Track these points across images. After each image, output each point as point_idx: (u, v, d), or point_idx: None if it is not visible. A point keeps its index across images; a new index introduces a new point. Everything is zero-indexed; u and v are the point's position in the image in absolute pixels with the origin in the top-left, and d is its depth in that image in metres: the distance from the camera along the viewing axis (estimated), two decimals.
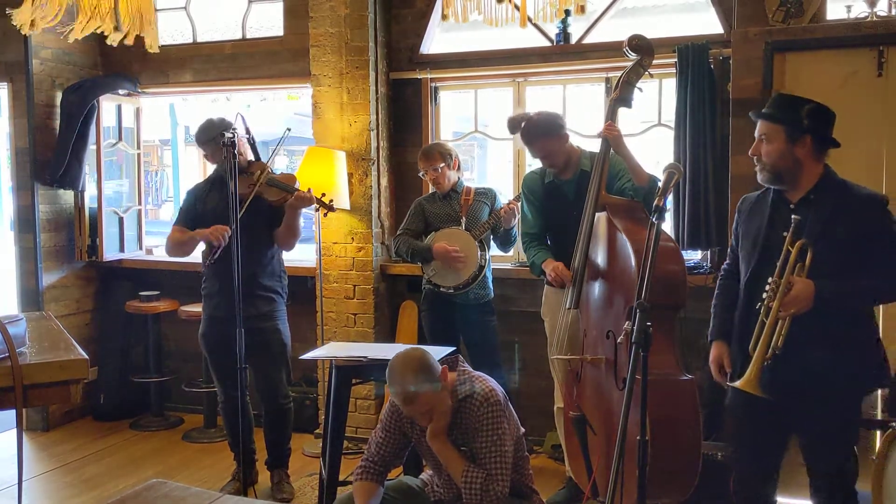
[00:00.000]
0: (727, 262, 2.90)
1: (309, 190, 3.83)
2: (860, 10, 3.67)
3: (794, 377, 2.53)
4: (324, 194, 3.96)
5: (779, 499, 2.90)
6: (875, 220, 2.52)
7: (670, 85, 4.21)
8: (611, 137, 3.34)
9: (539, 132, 3.58)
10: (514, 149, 4.76)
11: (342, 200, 4.54)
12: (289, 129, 3.96)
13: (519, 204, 3.92)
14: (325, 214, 4.04)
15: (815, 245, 2.47)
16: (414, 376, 2.57)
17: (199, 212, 3.88)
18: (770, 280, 2.49)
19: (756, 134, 2.65)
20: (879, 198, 2.58)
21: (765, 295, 2.50)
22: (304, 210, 3.92)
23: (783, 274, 2.47)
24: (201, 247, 3.94)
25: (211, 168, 4.10)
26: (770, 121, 2.61)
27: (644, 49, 3.35)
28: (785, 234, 2.51)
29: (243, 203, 3.59)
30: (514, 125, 3.66)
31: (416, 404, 2.60)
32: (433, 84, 4.82)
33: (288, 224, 3.84)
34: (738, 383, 2.51)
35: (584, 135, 4.43)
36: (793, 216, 2.50)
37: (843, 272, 2.49)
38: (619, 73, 3.48)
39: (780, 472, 2.80)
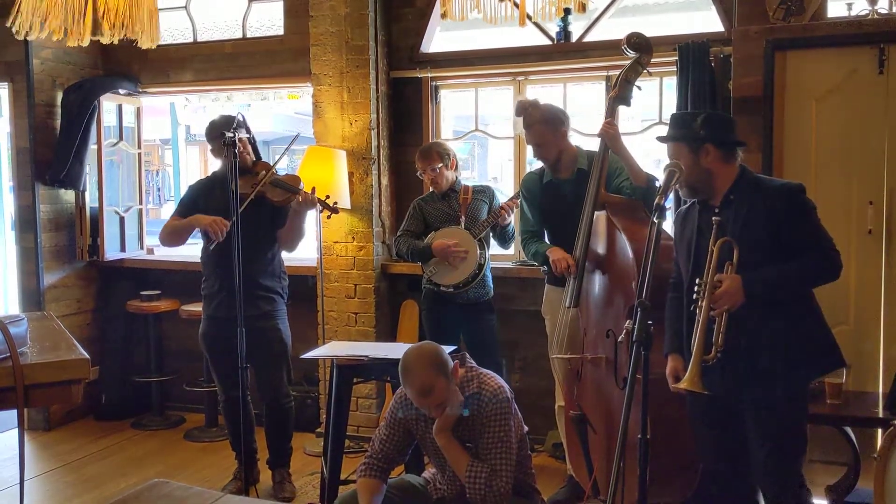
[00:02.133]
0: (673, 274, 2.90)
1: (313, 190, 3.82)
2: (861, 8, 3.67)
3: (741, 372, 2.57)
4: (328, 196, 3.96)
5: None
6: (792, 208, 2.56)
7: (671, 83, 4.21)
8: (608, 136, 3.34)
9: (538, 117, 3.59)
10: (514, 148, 4.76)
11: (343, 200, 4.53)
12: (298, 134, 4.00)
13: (518, 202, 3.93)
14: (329, 217, 4.04)
15: (739, 242, 2.52)
16: (430, 368, 2.59)
17: (200, 207, 3.87)
18: (697, 281, 2.55)
19: (667, 157, 2.72)
20: (793, 186, 2.62)
21: (695, 296, 2.55)
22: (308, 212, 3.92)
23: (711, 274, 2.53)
24: (199, 242, 3.96)
25: (212, 166, 4.10)
26: (671, 141, 2.69)
27: (642, 47, 3.35)
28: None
29: (244, 201, 3.60)
30: (521, 108, 3.68)
31: (431, 396, 2.61)
32: (434, 83, 4.82)
33: (292, 226, 3.85)
34: (681, 384, 2.54)
35: (584, 133, 4.43)
36: (713, 217, 2.58)
37: (771, 263, 2.53)
38: (619, 72, 3.48)
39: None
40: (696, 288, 2.55)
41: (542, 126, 3.58)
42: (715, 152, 2.62)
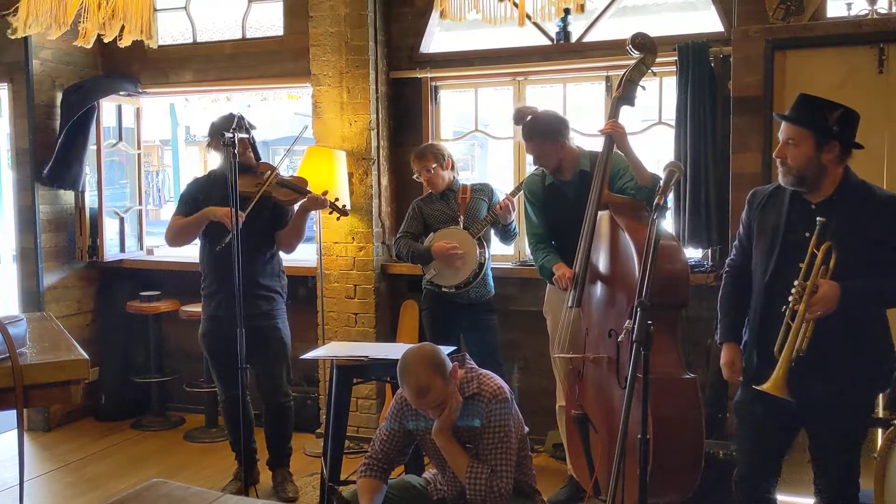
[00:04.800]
0: (733, 256, 2.84)
1: (324, 193, 3.82)
2: (860, 8, 3.67)
3: (813, 377, 2.52)
4: (337, 199, 3.95)
5: (781, 497, 2.90)
6: None
7: (671, 83, 4.20)
8: (615, 134, 3.33)
9: (537, 132, 3.58)
10: (514, 148, 4.76)
11: (343, 200, 4.52)
12: (305, 127, 3.98)
13: (514, 199, 3.93)
14: (338, 219, 4.04)
15: (839, 247, 2.44)
16: (427, 368, 2.59)
17: (201, 206, 3.85)
18: (796, 283, 2.47)
19: (781, 136, 2.59)
20: None
21: (791, 298, 2.48)
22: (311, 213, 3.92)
23: (808, 276, 2.45)
24: (199, 243, 3.95)
25: (212, 167, 4.09)
26: (799, 125, 2.54)
27: (647, 47, 3.35)
28: (807, 234, 2.50)
29: (250, 202, 3.60)
30: (519, 117, 3.67)
31: (428, 397, 2.60)
32: (433, 83, 4.82)
33: (295, 226, 3.84)
34: (765, 386, 2.48)
35: (584, 133, 4.42)
36: (818, 218, 2.48)
37: (866, 274, 2.48)
38: (619, 72, 3.49)
39: (783, 471, 2.79)
40: (792, 290, 2.47)
41: (541, 139, 3.58)
42: (837, 151, 2.52)
